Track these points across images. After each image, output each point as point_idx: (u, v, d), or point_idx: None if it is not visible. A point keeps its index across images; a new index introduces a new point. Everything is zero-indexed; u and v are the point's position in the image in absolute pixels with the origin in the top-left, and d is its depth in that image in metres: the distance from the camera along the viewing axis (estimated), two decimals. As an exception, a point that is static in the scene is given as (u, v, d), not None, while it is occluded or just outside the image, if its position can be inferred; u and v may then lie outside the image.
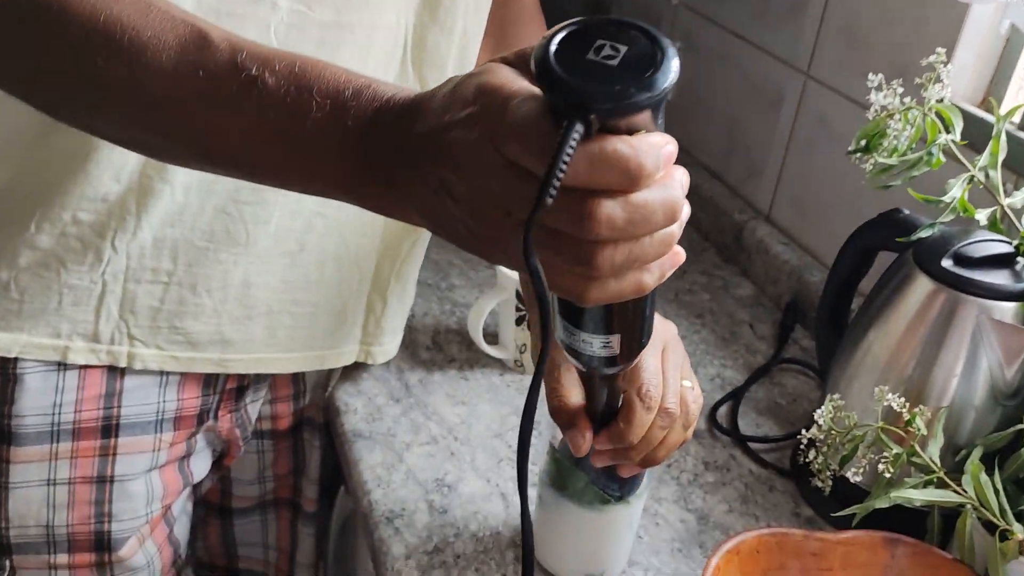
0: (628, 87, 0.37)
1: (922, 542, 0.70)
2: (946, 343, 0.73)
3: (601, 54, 0.37)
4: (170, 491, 0.79)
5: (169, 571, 0.81)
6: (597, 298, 0.41)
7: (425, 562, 0.72)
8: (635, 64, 0.37)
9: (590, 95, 0.36)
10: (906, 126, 0.76)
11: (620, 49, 0.37)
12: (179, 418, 0.77)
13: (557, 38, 0.38)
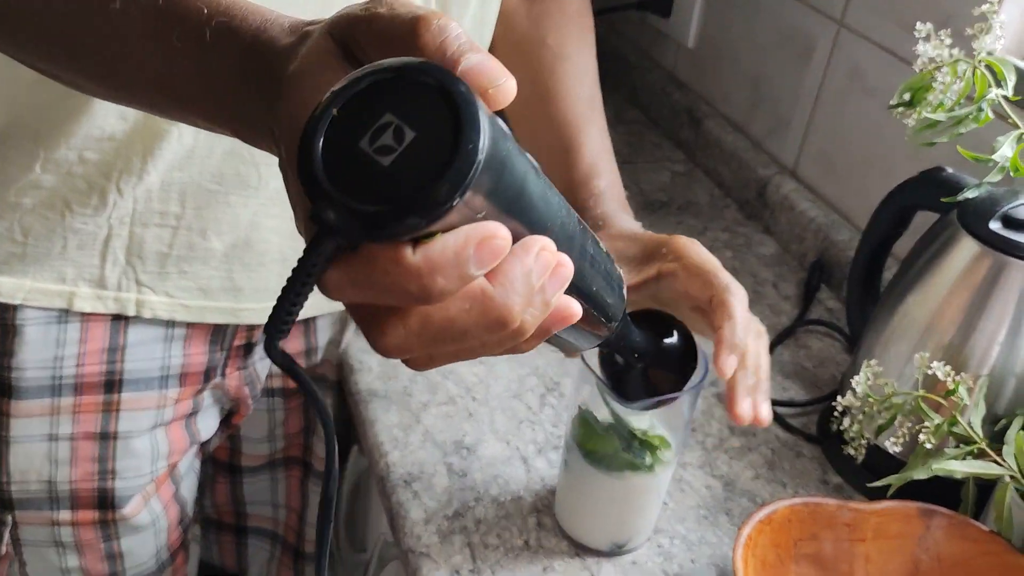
0: (393, 208, 0.28)
1: (957, 514, 0.68)
2: (990, 308, 0.70)
3: (377, 143, 0.28)
4: (176, 449, 0.77)
5: (175, 529, 0.79)
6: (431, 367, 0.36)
7: (445, 527, 0.70)
8: (417, 163, 0.28)
9: (342, 217, 0.28)
10: (955, 79, 0.72)
11: (404, 135, 0.28)
12: (185, 374, 0.74)
13: (335, 105, 0.29)
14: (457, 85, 0.29)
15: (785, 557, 0.67)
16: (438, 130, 0.28)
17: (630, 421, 0.66)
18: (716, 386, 0.89)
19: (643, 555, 0.70)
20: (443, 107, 0.28)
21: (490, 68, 0.31)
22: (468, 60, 0.31)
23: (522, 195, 0.32)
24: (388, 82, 0.29)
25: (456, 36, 0.31)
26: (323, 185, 0.29)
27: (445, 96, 0.28)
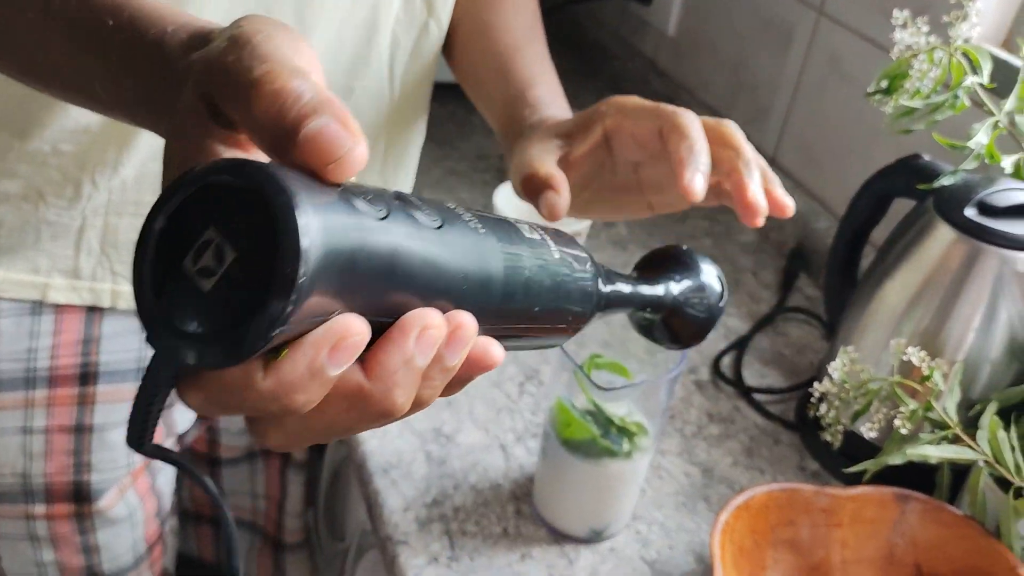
0: (213, 342, 0.26)
1: (932, 498, 0.69)
2: (965, 295, 0.71)
3: (200, 263, 0.26)
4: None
5: (152, 522, 0.78)
6: None
7: (424, 515, 0.70)
8: (237, 290, 0.26)
9: (171, 345, 0.26)
10: (931, 67, 0.72)
11: (225, 256, 0.26)
12: None
13: (160, 218, 0.27)
14: (273, 195, 0.25)
15: (762, 542, 0.67)
16: (258, 249, 0.25)
17: (608, 408, 0.66)
18: (694, 373, 0.89)
19: (621, 541, 0.70)
20: (263, 220, 0.25)
21: (331, 137, 0.27)
22: (306, 131, 0.27)
23: (393, 274, 0.28)
24: (206, 190, 0.26)
25: (295, 99, 0.28)
26: (150, 311, 0.27)
27: (263, 207, 0.25)
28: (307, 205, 0.25)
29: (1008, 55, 0.86)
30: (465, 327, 0.31)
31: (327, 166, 0.27)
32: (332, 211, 0.26)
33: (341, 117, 0.28)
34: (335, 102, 0.28)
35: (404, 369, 0.29)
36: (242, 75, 0.29)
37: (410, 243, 0.29)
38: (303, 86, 0.28)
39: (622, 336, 0.70)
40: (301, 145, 0.27)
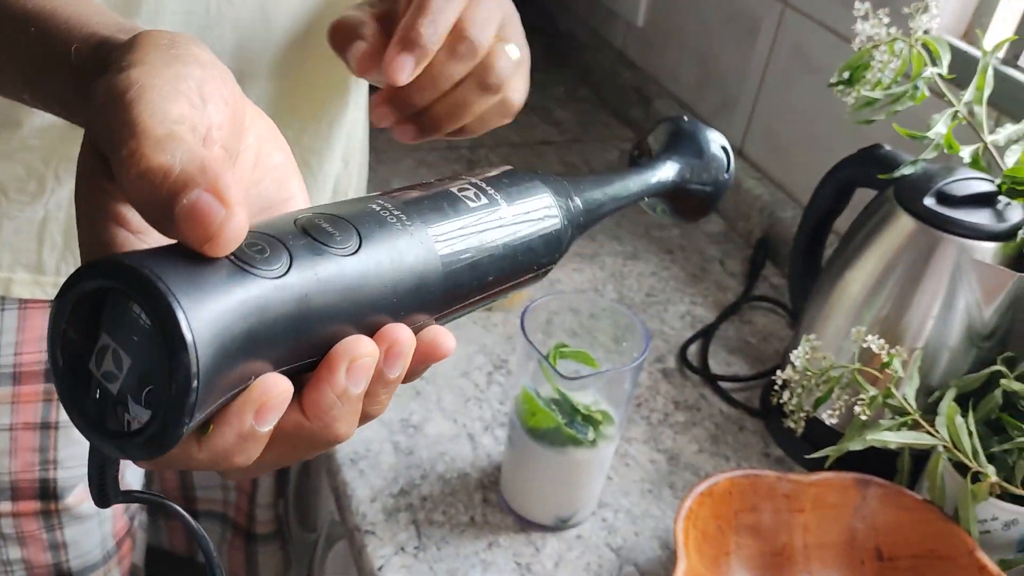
0: (125, 443, 0.26)
1: (892, 483, 0.70)
2: (924, 283, 0.72)
3: (103, 367, 0.26)
4: None
5: (121, 518, 0.78)
6: None
7: (391, 505, 0.70)
8: (139, 393, 0.26)
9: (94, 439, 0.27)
10: (892, 58, 0.73)
11: (122, 361, 0.26)
12: None
13: (61, 322, 0.26)
14: (149, 298, 0.24)
15: (725, 528, 0.68)
16: (150, 351, 0.25)
17: (573, 397, 0.67)
18: (661, 362, 0.90)
19: (587, 529, 0.71)
20: (149, 321, 0.25)
21: (201, 212, 0.26)
22: (178, 210, 0.26)
23: (306, 322, 0.28)
24: (93, 293, 0.26)
25: (163, 179, 0.26)
26: (74, 413, 0.27)
27: (143, 307, 0.25)
28: (188, 299, 0.24)
29: (968, 46, 0.88)
30: (400, 343, 0.30)
31: (203, 245, 0.26)
32: (217, 294, 0.25)
33: (212, 185, 0.26)
34: (207, 165, 0.27)
35: (340, 403, 0.29)
36: (114, 149, 0.28)
37: (320, 286, 0.28)
38: (169, 159, 0.27)
39: (589, 325, 0.70)
40: (178, 225, 0.26)
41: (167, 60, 0.31)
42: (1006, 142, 0.75)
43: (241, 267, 0.26)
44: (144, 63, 0.30)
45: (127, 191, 0.27)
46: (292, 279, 0.27)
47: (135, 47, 0.31)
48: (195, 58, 0.31)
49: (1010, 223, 0.70)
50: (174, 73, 0.30)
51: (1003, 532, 0.68)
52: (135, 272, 0.25)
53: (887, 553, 0.69)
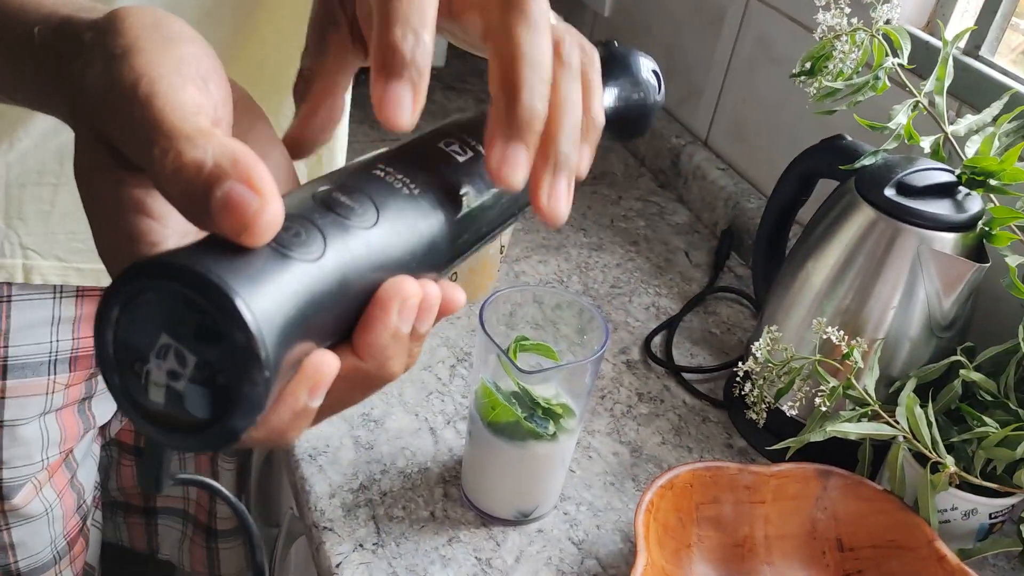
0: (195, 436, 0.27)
1: (853, 473, 0.70)
2: (885, 273, 0.72)
3: (165, 366, 0.26)
4: (69, 435, 0.74)
5: (72, 517, 0.76)
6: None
7: (350, 500, 0.69)
8: (206, 389, 0.26)
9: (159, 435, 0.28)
10: (853, 48, 0.73)
11: (186, 360, 0.26)
12: (76, 358, 0.72)
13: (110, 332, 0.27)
14: (212, 299, 0.25)
15: (687, 520, 0.68)
16: (217, 347, 0.26)
17: (534, 390, 0.66)
18: (625, 353, 0.90)
19: (549, 523, 0.70)
20: (216, 319, 0.25)
21: (236, 203, 0.26)
22: (214, 204, 0.26)
23: (345, 296, 0.29)
24: (148, 294, 0.26)
25: (196, 172, 0.26)
26: (134, 414, 0.27)
27: (206, 307, 0.25)
28: (248, 293, 0.25)
29: (929, 37, 0.88)
30: (431, 296, 0.32)
31: (240, 235, 0.26)
32: (271, 285, 0.26)
33: (244, 174, 0.26)
34: (238, 157, 0.27)
35: (392, 342, 0.31)
36: (140, 147, 0.28)
37: (353, 262, 0.29)
38: (201, 154, 0.27)
39: (553, 317, 0.70)
40: (214, 216, 0.26)
41: (163, 44, 0.30)
42: (966, 132, 0.75)
43: (284, 254, 0.27)
44: (141, 49, 0.30)
45: (163, 186, 0.27)
46: (329, 259, 0.28)
47: (121, 30, 0.31)
48: (184, 36, 0.31)
49: (970, 213, 0.70)
50: (175, 58, 0.30)
51: (962, 521, 0.69)
52: (193, 271, 0.25)
53: (848, 543, 0.69)
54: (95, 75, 0.30)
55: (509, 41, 0.32)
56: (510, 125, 0.32)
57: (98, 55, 0.30)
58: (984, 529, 0.69)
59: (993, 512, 0.68)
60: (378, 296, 0.30)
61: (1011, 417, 0.67)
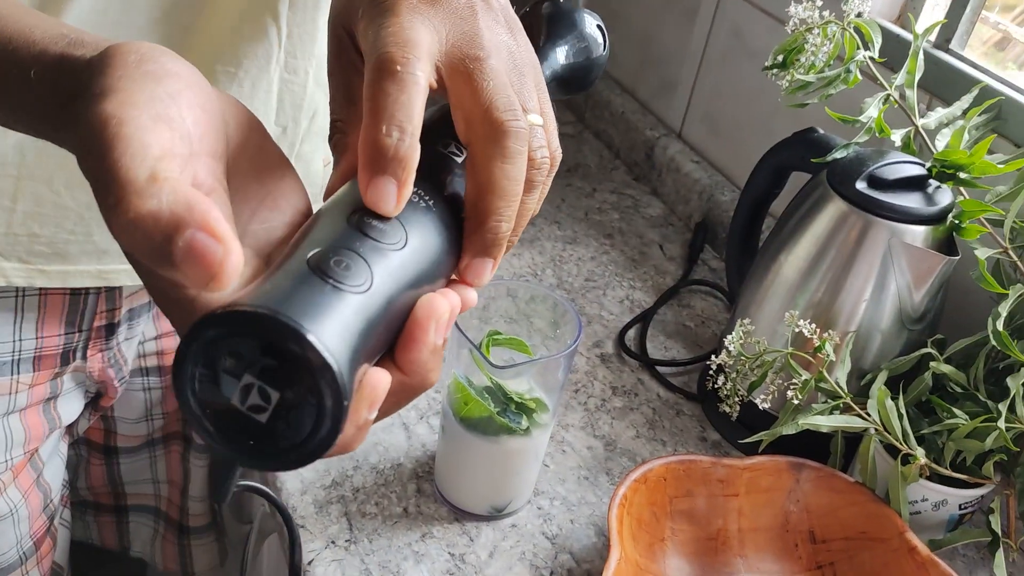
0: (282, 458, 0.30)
1: (825, 466, 0.70)
2: (856, 266, 0.72)
3: (248, 402, 0.29)
4: (34, 436, 0.73)
5: (39, 518, 0.75)
6: None
7: (322, 497, 0.69)
8: (291, 417, 0.29)
9: (240, 459, 0.30)
10: (824, 41, 0.73)
11: (269, 396, 0.29)
12: (39, 358, 0.70)
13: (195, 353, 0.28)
14: (290, 339, 0.27)
15: (660, 514, 0.68)
16: (296, 381, 0.28)
17: (507, 385, 0.66)
18: (599, 347, 0.90)
19: (522, 517, 0.70)
20: (296, 360, 0.28)
21: (199, 253, 0.27)
22: (179, 249, 0.27)
23: (390, 314, 0.32)
24: (224, 345, 0.28)
25: (153, 223, 0.27)
26: (215, 441, 0.30)
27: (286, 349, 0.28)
28: (322, 332, 0.28)
29: (900, 30, 0.88)
30: (455, 306, 0.35)
31: (207, 284, 0.27)
32: (336, 320, 0.28)
33: (202, 222, 0.27)
34: (193, 203, 0.27)
35: (430, 356, 0.33)
36: (99, 196, 0.29)
37: (395, 285, 0.32)
38: (156, 204, 0.27)
39: (526, 311, 0.69)
40: (179, 267, 0.27)
41: (140, 82, 0.31)
42: (936, 126, 0.76)
43: (339, 288, 0.29)
44: (117, 90, 0.30)
45: (118, 238, 0.28)
46: (376, 286, 0.31)
47: (104, 69, 0.31)
48: (167, 71, 0.32)
49: (940, 206, 0.70)
50: (148, 96, 0.30)
51: (932, 512, 0.69)
52: (270, 319, 0.27)
53: (820, 535, 0.70)
54: (80, 116, 0.31)
55: (484, 172, 0.35)
56: (480, 244, 0.36)
57: (86, 95, 0.31)
58: (954, 520, 0.70)
59: (963, 503, 0.69)
60: (416, 317, 0.33)
61: (980, 409, 0.68)
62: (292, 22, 0.67)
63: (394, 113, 0.33)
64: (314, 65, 0.72)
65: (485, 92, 0.36)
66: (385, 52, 0.34)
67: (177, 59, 0.33)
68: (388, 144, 0.32)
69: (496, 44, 0.38)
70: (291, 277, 0.29)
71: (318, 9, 0.69)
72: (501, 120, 0.35)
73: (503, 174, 0.35)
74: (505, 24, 0.40)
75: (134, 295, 0.76)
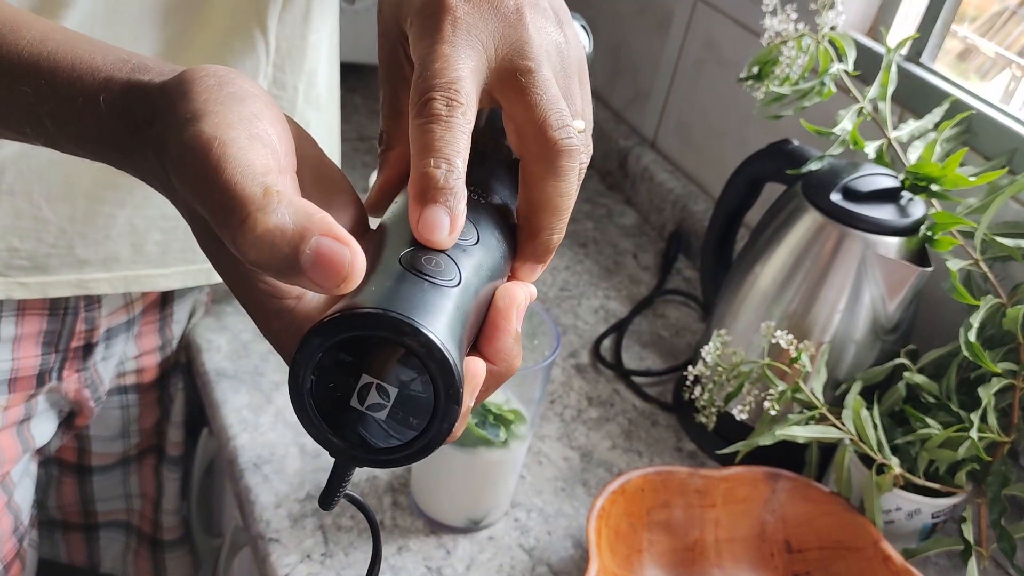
0: (405, 452, 0.31)
1: (801, 476, 0.71)
2: (831, 277, 0.73)
3: (367, 402, 0.30)
4: (7, 458, 0.71)
5: (8, 540, 0.73)
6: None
7: (296, 510, 0.68)
8: (409, 411, 0.30)
9: (358, 460, 0.31)
10: (799, 54, 0.73)
11: (388, 393, 0.30)
12: (14, 379, 0.69)
13: (310, 361, 0.30)
14: (416, 339, 0.29)
15: (638, 525, 0.68)
16: (417, 379, 0.29)
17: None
18: (574, 357, 0.90)
19: (500, 530, 0.70)
20: (417, 356, 0.29)
21: (329, 258, 0.28)
22: (306, 257, 0.28)
23: (479, 303, 0.33)
24: (338, 349, 0.30)
25: (281, 235, 0.28)
26: (336, 445, 0.31)
27: (406, 344, 0.29)
28: (437, 328, 0.29)
29: (873, 43, 0.89)
30: (531, 294, 0.36)
31: (337, 287, 0.28)
32: (444, 316, 0.30)
33: (326, 229, 0.28)
34: (311, 212, 0.29)
35: (515, 343, 0.34)
36: (219, 215, 0.29)
37: (478, 278, 0.33)
38: (279, 216, 0.28)
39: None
40: (308, 274, 0.28)
41: (228, 104, 0.32)
42: (909, 138, 0.76)
43: (435, 283, 0.31)
44: (209, 113, 0.31)
45: (245, 254, 0.29)
46: (465, 280, 0.32)
47: (187, 93, 0.32)
48: (247, 92, 0.33)
49: (913, 218, 0.71)
50: (239, 117, 0.31)
51: (906, 522, 0.70)
52: (387, 318, 0.28)
53: (796, 545, 0.70)
54: (171, 139, 0.31)
55: (537, 190, 0.36)
56: (532, 253, 0.37)
57: (171, 120, 0.32)
58: (927, 528, 0.70)
59: (935, 512, 0.69)
60: (497, 306, 0.34)
61: (953, 419, 0.68)
62: (280, 36, 0.66)
63: (442, 147, 0.33)
64: (303, 81, 0.71)
65: (538, 108, 0.35)
66: (430, 95, 0.34)
67: (249, 80, 0.34)
68: (438, 176, 0.33)
69: (546, 48, 0.37)
70: (389, 278, 0.30)
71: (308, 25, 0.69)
72: (555, 139, 0.35)
73: (556, 192, 0.36)
74: (554, 17, 0.39)
75: (113, 314, 0.75)
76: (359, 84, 1.31)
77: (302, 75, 0.70)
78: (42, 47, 0.36)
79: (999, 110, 0.78)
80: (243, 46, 0.64)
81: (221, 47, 0.64)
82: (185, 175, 0.31)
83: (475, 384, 0.32)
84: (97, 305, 0.72)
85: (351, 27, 1.21)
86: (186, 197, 0.31)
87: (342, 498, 0.35)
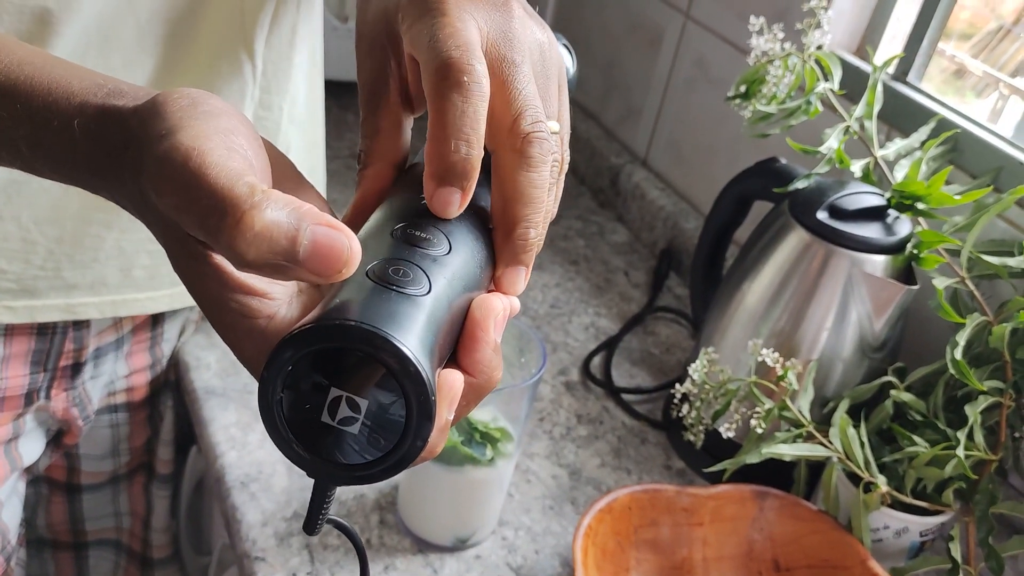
0: (379, 467, 0.31)
1: (789, 494, 0.71)
2: (818, 295, 0.73)
3: (338, 416, 0.30)
4: None
5: None
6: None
7: (283, 529, 0.68)
8: (382, 423, 0.30)
9: (333, 477, 0.31)
10: (786, 73, 0.74)
11: (359, 406, 0.30)
12: (2, 399, 0.69)
13: (276, 387, 0.29)
14: (386, 350, 0.28)
15: (625, 544, 0.68)
16: (387, 391, 0.29)
17: (472, 415, 0.65)
18: (564, 374, 0.90)
19: (487, 548, 0.70)
20: (387, 367, 0.29)
21: (327, 246, 0.28)
22: (302, 252, 0.28)
23: (451, 313, 0.32)
24: (305, 363, 0.29)
25: (277, 230, 0.28)
26: (308, 462, 0.30)
27: (370, 352, 0.29)
28: (406, 338, 0.29)
29: (860, 61, 0.90)
30: (510, 305, 0.35)
31: (336, 274, 0.29)
32: (414, 326, 0.29)
33: (319, 219, 0.29)
34: (298, 205, 0.29)
35: (494, 354, 0.34)
36: (209, 219, 0.29)
37: (449, 288, 0.33)
38: (271, 212, 0.28)
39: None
40: (307, 265, 0.29)
41: (202, 119, 0.32)
42: (895, 157, 0.77)
43: (405, 293, 0.30)
44: (184, 127, 0.31)
45: (243, 254, 0.28)
46: (436, 289, 0.32)
47: (159, 113, 0.32)
48: (219, 110, 0.33)
49: (899, 236, 0.71)
50: (215, 129, 0.31)
51: (894, 540, 0.70)
52: (356, 329, 0.28)
53: (784, 564, 0.70)
54: (147, 157, 0.31)
55: (510, 181, 0.36)
56: (511, 252, 0.37)
57: (145, 139, 0.32)
58: (915, 547, 0.70)
59: (923, 530, 0.69)
60: (474, 317, 0.33)
61: (940, 436, 0.68)
62: (267, 59, 0.67)
63: (462, 127, 0.34)
64: (288, 102, 0.72)
65: (516, 102, 0.36)
66: (448, 58, 0.34)
67: (221, 100, 0.34)
68: (456, 161, 0.33)
69: (530, 44, 0.38)
70: (356, 291, 0.30)
71: (293, 47, 0.69)
72: (527, 131, 0.36)
73: (528, 182, 0.36)
74: (538, 19, 0.40)
75: (102, 333, 0.75)
76: (353, 102, 1.32)
77: (286, 95, 0.71)
78: (19, 71, 0.36)
79: (985, 128, 0.79)
80: (231, 69, 0.65)
81: (209, 71, 0.64)
82: (166, 187, 0.30)
83: (452, 396, 0.32)
84: (86, 326, 0.72)
85: (345, 46, 1.21)
86: (169, 212, 0.31)
87: (325, 522, 0.35)
